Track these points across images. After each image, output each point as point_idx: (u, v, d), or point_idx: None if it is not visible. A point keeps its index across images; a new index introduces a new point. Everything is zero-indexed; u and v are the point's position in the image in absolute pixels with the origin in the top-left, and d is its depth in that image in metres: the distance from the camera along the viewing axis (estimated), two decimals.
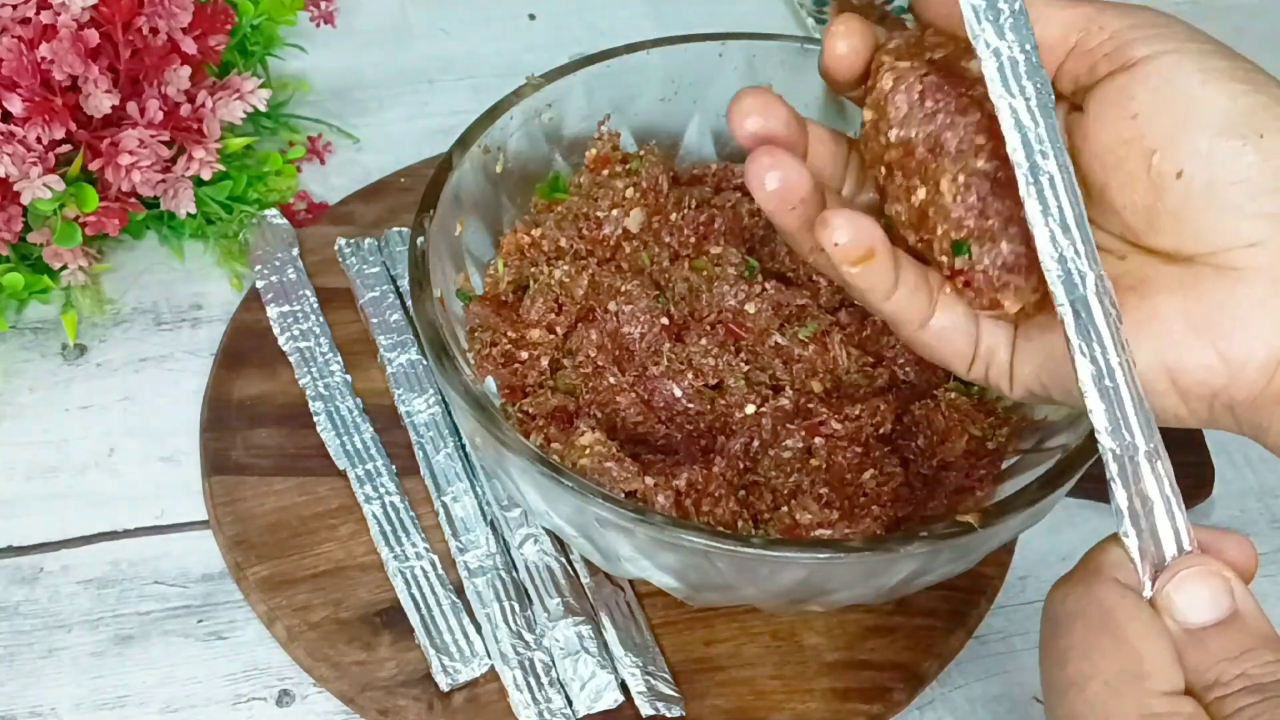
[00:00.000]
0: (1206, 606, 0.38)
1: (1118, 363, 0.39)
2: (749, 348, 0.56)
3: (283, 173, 0.72)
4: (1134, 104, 0.40)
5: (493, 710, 0.53)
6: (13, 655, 0.55)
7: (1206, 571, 0.38)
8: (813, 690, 0.54)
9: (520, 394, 0.56)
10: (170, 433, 0.63)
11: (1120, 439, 0.39)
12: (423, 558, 0.57)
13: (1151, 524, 0.39)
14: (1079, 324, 0.39)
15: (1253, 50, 0.42)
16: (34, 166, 0.60)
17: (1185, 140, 0.39)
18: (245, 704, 0.54)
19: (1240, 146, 0.39)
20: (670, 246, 0.59)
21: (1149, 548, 0.38)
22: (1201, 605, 0.38)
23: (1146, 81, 0.40)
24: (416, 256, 0.53)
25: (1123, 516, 0.39)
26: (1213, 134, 0.39)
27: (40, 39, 0.60)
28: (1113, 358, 0.39)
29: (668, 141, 0.64)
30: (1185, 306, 0.40)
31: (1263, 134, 0.39)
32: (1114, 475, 0.39)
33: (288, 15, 0.74)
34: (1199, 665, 0.37)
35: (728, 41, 0.62)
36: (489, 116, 0.58)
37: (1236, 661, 0.37)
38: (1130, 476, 0.39)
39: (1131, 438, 0.39)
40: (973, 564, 0.51)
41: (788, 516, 0.51)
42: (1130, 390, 0.39)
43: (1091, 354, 0.39)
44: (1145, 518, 0.39)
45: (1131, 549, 0.39)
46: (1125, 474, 0.39)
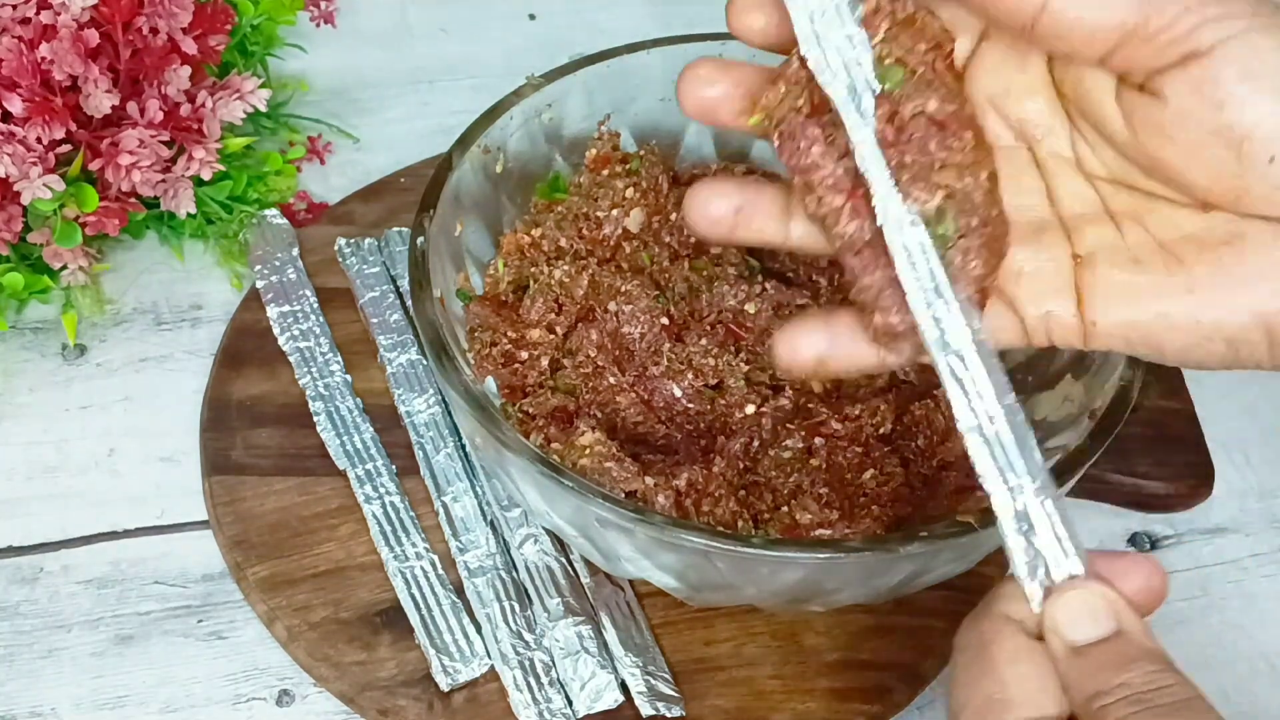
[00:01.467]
0: (1087, 623, 0.38)
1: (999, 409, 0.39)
2: (749, 348, 0.56)
3: (283, 173, 0.72)
4: (1218, 92, 0.38)
5: (493, 710, 0.53)
6: (13, 655, 0.55)
7: (1088, 592, 0.39)
8: (813, 690, 0.54)
9: (520, 394, 0.56)
10: (170, 433, 0.63)
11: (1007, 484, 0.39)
12: (423, 558, 0.57)
13: (1043, 560, 0.39)
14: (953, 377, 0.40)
15: None
16: (34, 166, 0.60)
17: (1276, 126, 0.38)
18: (245, 704, 0.54)
19: None
20: (670, 246, 0.59)
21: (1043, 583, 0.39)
22: (1082, 622, 0.38)
23: (1226, 69, 0.38)
24: (416, 256, 0.53)
25: (1013, 556, 0.39)
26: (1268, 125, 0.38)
27: (40, 39, 0.60)
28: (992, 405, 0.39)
29: (668, 141, 0.64)
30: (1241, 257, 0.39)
31: None
32: (1002, 521, 0.39)
33: (288, 15, 0.74)
34: (1081, 679, 0.37)
35: (728, 41, 0.62)
36: (489, 116, 0.58)
37: (1118, 672, 0.37)
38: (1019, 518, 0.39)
39: (1018, 479, 0.39)
40: (973, 564, 0.51)
41: (788, 516, 0.51)
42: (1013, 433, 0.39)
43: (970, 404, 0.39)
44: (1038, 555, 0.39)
45: (1024, 584, 0.39)
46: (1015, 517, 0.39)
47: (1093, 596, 0.38)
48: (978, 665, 0.38)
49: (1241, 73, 0.38)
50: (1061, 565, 0.39)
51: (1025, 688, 0.37)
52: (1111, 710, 0.36)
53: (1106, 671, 0.37)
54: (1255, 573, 0.61)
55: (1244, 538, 0.63)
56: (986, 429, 0.39)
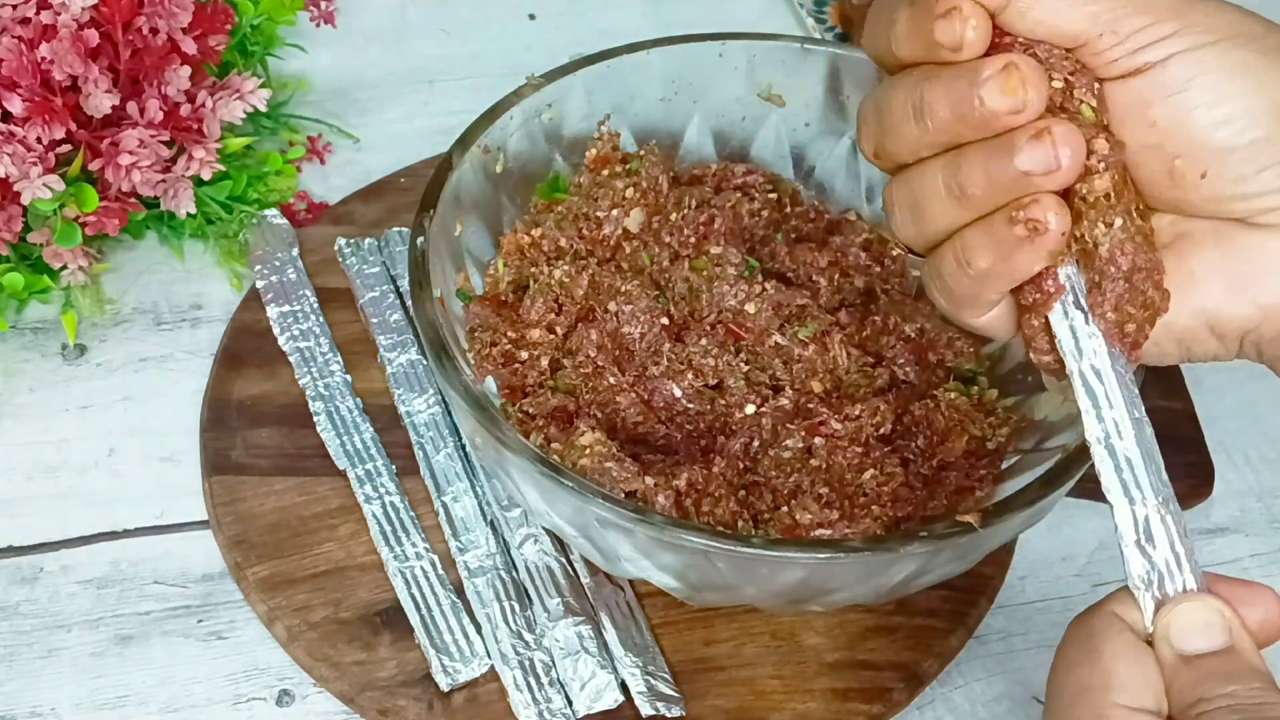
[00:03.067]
0: (1200, 635, 0.39)
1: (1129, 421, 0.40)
2: (749, 348, 0.56)
3: (283, 173, 0.72)
4: (1151, 112, 0.39)
5: (493, 710, 0.53)
6: (13, 655, 0.55)
7: (1204, 605, 0.39)
8: (813, 690, 0.54)
9: (520, 394, 0.56)
10: (170, 433, 0.63)
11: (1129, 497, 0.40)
12: (423, 558, 0.57)
13: (1159, 574, 0.40)
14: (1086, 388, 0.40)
15: None
16: (34, 166, 0.60)
17: (1206, 146, 0.39)
18: (245, 704, 0.54)
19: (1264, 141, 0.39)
20: (670, 246, 0.59)
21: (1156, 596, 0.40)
22: (1195, 633, 0.39)
23: (1163, 89, 0.39)
24: (416, 256, 0.53)
25: (1129, 567, 0.40)
26: (1233, 134, 0.39)
27: (40, 39, 0.60)
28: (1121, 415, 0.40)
29: (668, 141, 0.64)
30: (1223, 265, 0.41)
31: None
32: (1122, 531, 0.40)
33: (288, 15, 0.74)
34: (1186, 686, 0.38)
35: (728, 41, 0.62)
36: (489, 116, 0.58)
37: (1224, 682, 0.37)
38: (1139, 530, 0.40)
39: (1141, 492, 0.40)
40: (973, 564, 0.51)
41: (788, 516, 0.51)
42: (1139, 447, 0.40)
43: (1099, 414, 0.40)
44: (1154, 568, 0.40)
45: (1138, 595, 0.40)
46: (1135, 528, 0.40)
47: (1208, 611, 0.39)
48: (1081, 654, 0.39)
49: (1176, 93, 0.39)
50: (1176, 580, 0.39)
51: (1127, 680, 0.38)
52: (1212, 717, 0.36)
53: (1213, 681, 0.37)
54: (1255, 573, 0.61)
55: (1244, 538, 0.63)
56: (1114, 440, 0.40)
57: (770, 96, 0.63)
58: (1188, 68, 0.39)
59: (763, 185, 0.64)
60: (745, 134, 0.65)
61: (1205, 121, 0.39)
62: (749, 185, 0.64)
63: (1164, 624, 0.39)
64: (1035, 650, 0.58)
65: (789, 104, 0.63)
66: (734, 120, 0.64)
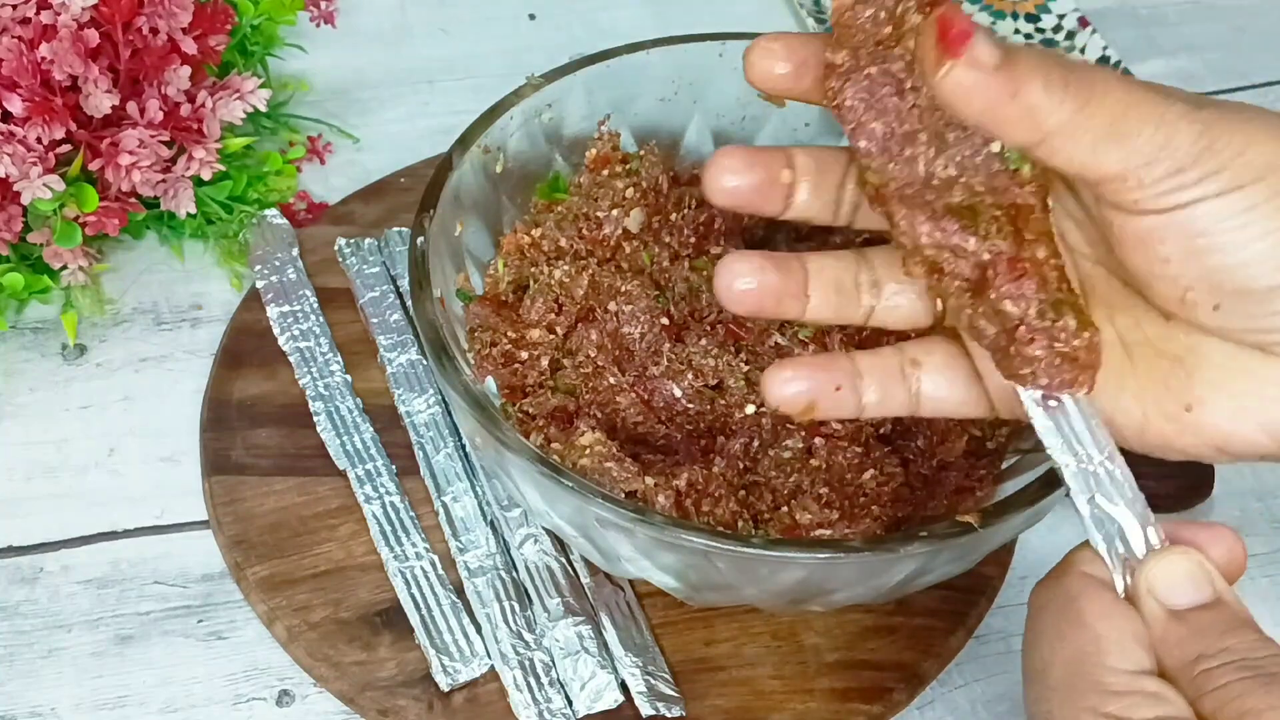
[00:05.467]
0: (1187, 588, 0.38)
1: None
2: (749, 348, 0.56)
3: (283, 173, 0.72)
4: (1164, 248, 0.39)
5: (493, 710, 0.53)
6: (13, 655, 0.55)
7: (1187, 558, 0.39)
8: (813, 690, 0.54)
9: (520, 394, 0.56)
10: (170, 433, 0.63)
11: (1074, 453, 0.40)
12: (423, 558, 0.57)
13: (1118, 527, 0.39)
14: None
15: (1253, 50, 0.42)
16: (34, 166, 0.60)
17: (1221, 287, 0.39)
18: (245, 704, 0.54)
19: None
20: (670, 246, 0.59)
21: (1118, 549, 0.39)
22: (1182, 586, 0.38)
23: (1181, 231, 0.38)
24: (416, 256, 0.53)
25: (1086, 521, 0.40)
26: (1249, 279, 0.38)
27: (40, 39, 0.60)
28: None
29: (668, 141, 0.64)
30: (1232, 390, 0.40)
31: None
32: (1071, 488, 0.40)
33: (288, 15, 0.74)
34: (1181, 642, 0.37)
35: (728, 41, 0.62)
36: (489, 116, 0.58)
37: (1221, 638, 0.37)
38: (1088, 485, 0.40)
39: (1085, 449, 0.40)
40: (973, 564, 0.51)
41: (788, 516, 0.51)
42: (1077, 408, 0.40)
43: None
44: (1109, 523, 0.39)
45: (1101, 550, 0.39)
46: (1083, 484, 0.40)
47: (1191, 563, 0.38)
48: (1065, 620, 0.38)
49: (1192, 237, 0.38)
50: (1136, 533, 0.39)
51: (1119, 641, 0.37)
52: (1217, 674, 0.36)
53: (1209, 636, 0.37)
54: (1255, 573, 0.61)
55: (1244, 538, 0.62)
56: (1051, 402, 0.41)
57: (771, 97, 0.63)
58: (1211, 214, 0.38)
59: None
60: (745, 134, 0.64)
61: (1219, 264, 0.38)
62: None
63: (1147, 579, 0.38)
64: None
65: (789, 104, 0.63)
66: (734, 120, 0.64)
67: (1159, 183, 0.38)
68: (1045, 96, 0.37)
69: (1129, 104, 0.37)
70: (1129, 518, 0.39)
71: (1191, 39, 0.89)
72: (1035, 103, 0.37)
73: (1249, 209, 0.37)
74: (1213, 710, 0.35)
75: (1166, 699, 0.36)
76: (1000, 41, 0.37)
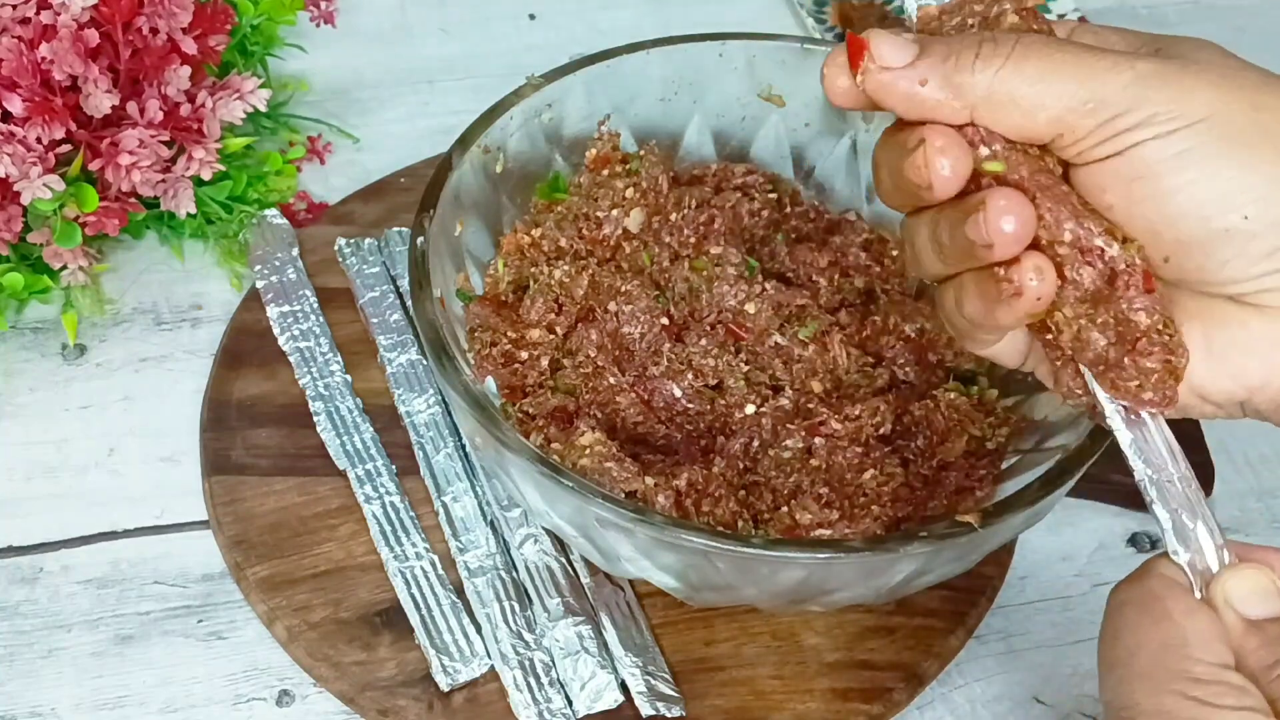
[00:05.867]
0: (1260, 600, 0.39)
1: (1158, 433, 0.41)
2: (749, 348, 0.56)
3: (283, 173, 0.72)
4: (1107, 196, 0.39)
5: (493, 710, 0.53)
6: (13, 655, 0.55)
7: (1261, 573, 0.40)
8: (813, 690, 0.54)
9: (520, 394, 0.56)
10: (170, 433, 0.63)
11: (1154, 465, 0.41)
12: (423, 558, 0.57)
13: (1196, 540, 0.40)
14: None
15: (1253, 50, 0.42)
16: (34, 166, 0.60)
17: (1162, 235, 0.39)
18: (245, 704, 0.54)
19: (1224, 232, 0.38)
20: (670, 246, 0.59)
21: (1196, 562, 0.40)
22: (1256, 599, 0.39)
23: (1118, 176, 0.39)
24: (416, 256, 0.53)
25: (1169, 534, 0.40)
26: (1190, 227, 0.38)
27: (40, 39, 0.60)
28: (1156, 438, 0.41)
29: (668, 141, 0.64)
30: (1206, 338, 0.40)
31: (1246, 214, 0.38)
32: (1154, 498, 0.41)
33: (288, 15, 0.74)
34: (1259, 649, 0.38)
35: (728, 41, 0.62)
36: (489, 116, 0.58)
37: None
38: (1169, 498, 0.41)
39: (1166, 463, 0.41)
40: (973, 564, 0.51)
41: (788, 516, 0.51)
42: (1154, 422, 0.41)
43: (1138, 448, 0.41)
44: (1189, 534, 0.40)
45: (1181, 561, 0.40)
46: (1164, 496, 0.41)
47: (1265, 578, 0.40)
48: (1150, 615, 0.39)
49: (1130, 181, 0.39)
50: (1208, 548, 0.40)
51: (1205, 636, 0.38)
52: None
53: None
54: None
55: (1244, 538, 0.62)
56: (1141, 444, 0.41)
57: (770, 96, 0.63)
58: (1147, 157, 0.38)
59: (763, 185, 0.64)
60: (745, 134, 0.65)
61: (1159, 211, 0.39)
62: (749, 185, 0.64)
63: (1224, 590, 0.39)
64: (1035, 650, 0.58)
65: (789, 104, 0.63)
66: (734, 120, 0.64)
67: (1093, 133, 0.39)
68: (955, 73, 0.39)
69: (1050, 63, 0.39)
70: (1205, 533, 0.40)
71: None
72: (945, 82, 0.39)
73: (1185, 151, 0.38)
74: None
75: (1249, 692, 0.37)
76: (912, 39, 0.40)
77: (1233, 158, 0.38)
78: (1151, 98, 0.38)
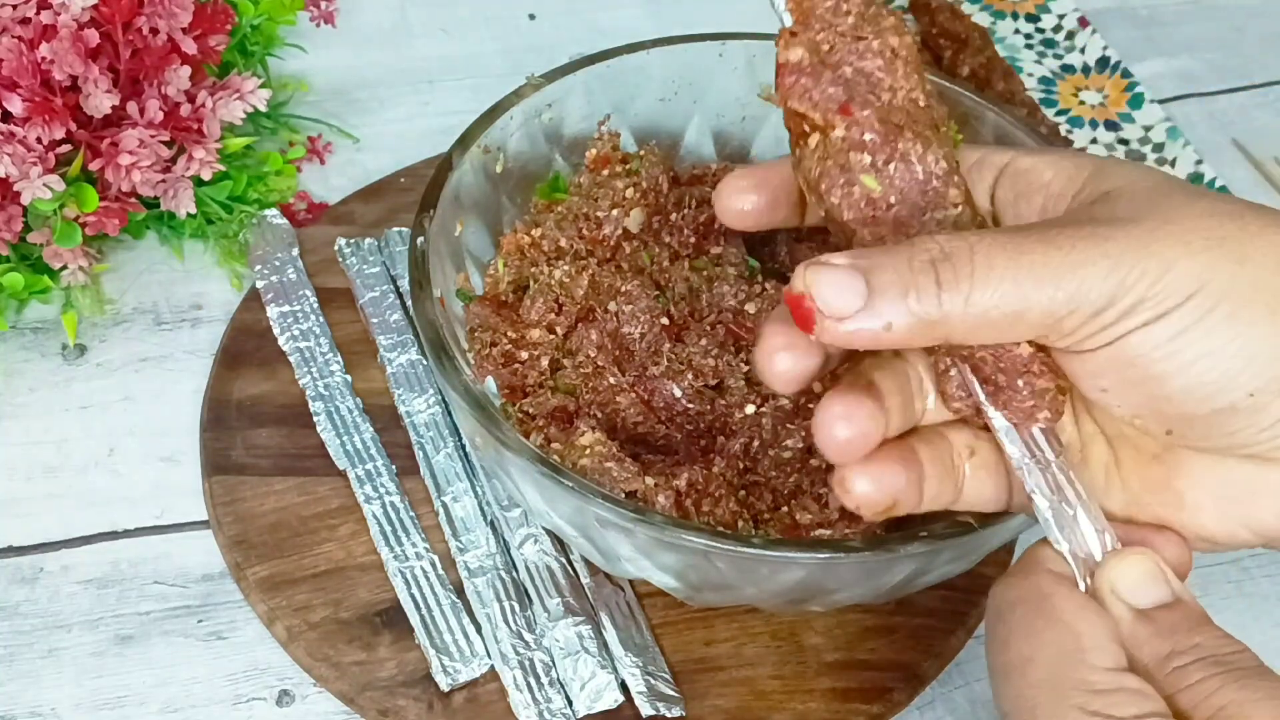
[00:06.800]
0: (1149, 588, 0.38)
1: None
2: (749, 348, 0.56)
3: (283, 173, 0.72)
4: (1101, 381, 0.38)
5: (493, 710, 0.53)
6: (13, 655, 0.55)
7: (1147, 559, 0.39)
8: (813, 690, 0.54)
9: (520, 394, 0.56)
10: (170, 433, 0.63)
11: (1029, 451, 0.40)
12: (423, 558, 0.57)
13: (1076, 528, 0.39)
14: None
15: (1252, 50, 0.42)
16: (34, 166, 0.60)
17: (1164, 414, 0.38)
18: (245, 704, 0.54)
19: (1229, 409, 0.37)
20: (670, 246, 0.59)
21: (1078, 550, 0.39)
22: (1144, 587, 0.38)
23: (1111, 364, 0.38)
24: (416, 256, 0.53)
25: (1049, 523, 0.40)
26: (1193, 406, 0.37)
27: (40, 39, 0.60)
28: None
29: (668, 141, 0.64)
30: (1214, 492, 0.40)
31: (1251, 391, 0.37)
32: (1032, 486, 0.40)
33: (288, 15, 0.74)
34: (1151, 640, 0.37)
35: (728, 41, 0.62)
36: (489, 116, 0.58)
37: (1189, 635, 0.37)
38: (1048, 485, 0.40)
39: (1041, 451, 0.40)
40: (973, 564, 0.51)
41: (788, 516, 0.51)
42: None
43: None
44: (1069, 522, 0.40)
45: (1063, 551, 0.39)
46: (1041, 484, 0.40)
47: (1150, 563, 0.39)
48: (1040, 618, 0.38)
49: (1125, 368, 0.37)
50: (1089, 532, 0.39)
51: (1097, 638, 0.37)
52: (1190, 671, 0.36)
53: (1177, 634, 0.37)
54: (1255, 573, 0.61)
55: None
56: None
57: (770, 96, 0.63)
58: (1140, 345, 0.37)
59: None
60: (745, 134, 0.64)
61: (1158, 393, 0.38)
62: None
63: (1110, 580, 0.38)
64: None
65: None
66: (734, 120, 0.64)
67: (1077, 330, 0.37)
68: (920, 307, 0.36)
69: (1018, 274, 0.36)
70: (1086, 519, 0.40)
71: (1191, 39, 0.89)
72: (911, 320, 0.36)
73: (1178, 334, 0.36)
74: (1189, 706, 0.36)
75: (1148, 696, 0.36)
76: (857, 263, 0.37)
77: (1230, 330, 0.36)
78: (1134, 285, 0.36)
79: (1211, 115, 0.84)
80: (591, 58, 0.61)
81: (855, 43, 0.41)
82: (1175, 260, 0.36)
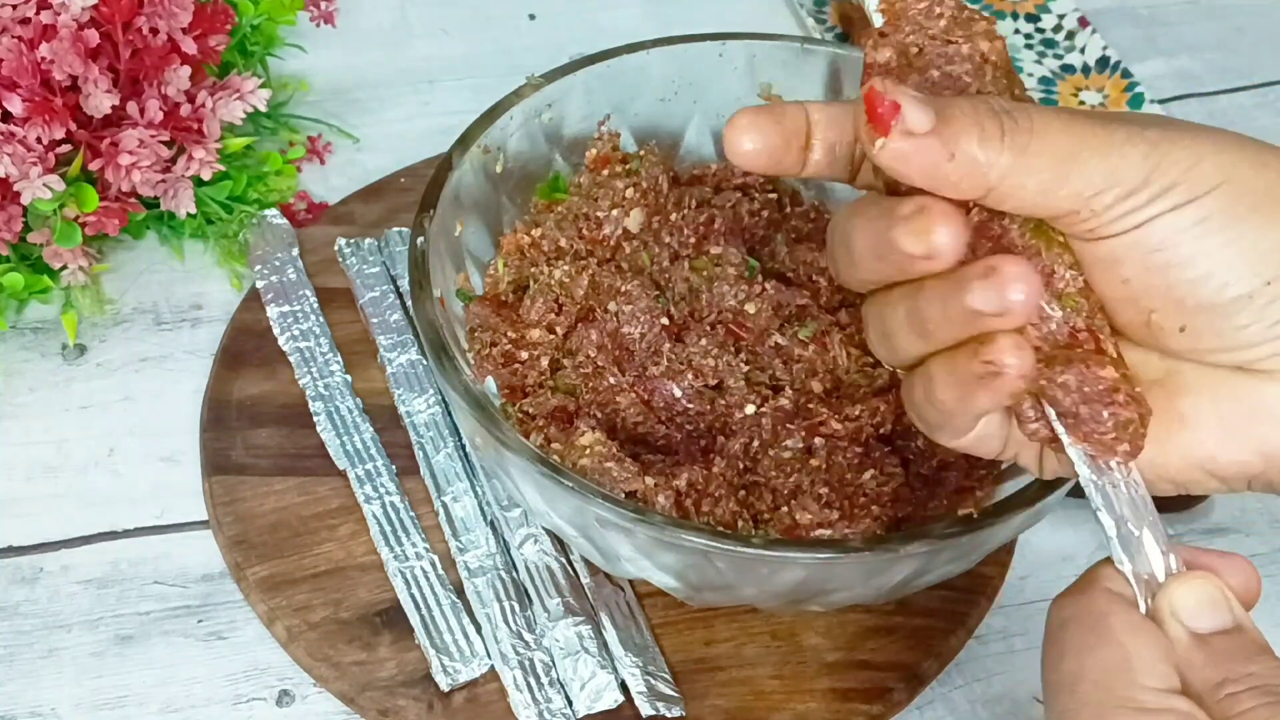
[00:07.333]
0: (1209, 613, 0.38)
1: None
2: (749, 348, 0.56)
3: (283, 173, 0.72)
4: (1123, 269, 0.39)
5: (493, 710, 0.53)
6: (13, 655, 0.55)
7: (1209, 583, 0.39)
8: (813, 690, 0.54)
9: (520, 394, 0.56)
10: (170, 433, 0.63)
11: (1099, 470, 0.39)
12: (423, 558, 0.57)
13: (1141, 549, 0.39)
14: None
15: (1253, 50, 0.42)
16: (34, 166, 0.60)
17: (1181, 304, 0.38)
18: (245, 704, 0.54)
19: (1245, 298, 0.38)
20: (670, 246, 0.59)
21: (1142, 571, 0.39)
22: (1205, 611, 0.38)
23: (1135, 249, 0.38)
24: (416, 256, 0.53)
25: (1113, 541, 0.39)
26: (1211, 292, 0.38)
27: (40, 39, 0.60)
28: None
29: (668, 141, 0.64)
30: (1218, 410, 0.40)
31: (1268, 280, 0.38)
32: (1099, 505, 0.39)
33: (288, 15, 0.74)
34: (1205, 666, 0.37)
35: (728, 41, 0.62)
36: (489, 116, 0.58)
37: (1245, 664, 0.37)
38: (1115, 504, 0.39)
39: (1110, 469, 0.39)
40: (973, 564, 0.51)
41: (788, 516, 0.51)
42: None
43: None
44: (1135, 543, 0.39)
45: (1126, 571, 0.39)
46: (1110, 503, 0.39)
47: (1212, 588, 0.39)
48: (1094, 635, 0.38)
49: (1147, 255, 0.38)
50: (1154, 554, 0.39)
51: (1149, 658, 0.37)
52: (1243, 699, 0.36)
53: (1233, 662, 0.37)
54: None
55: (1244, 538, 0.63)
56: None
57: (770, 96, 0.63)
58: (1166, 229, 0.38)
59: (763, 185, 0.64)
60: None
61: (1179, 279, 0.38)
62: (749, 185, 0.64)
63: (1170, 602, 0.38)
64: (1035, 650, 0.57)
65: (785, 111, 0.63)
66: None
67: (1110, 209, 0.38)
68: (982, 150, 0.37)
69: (1070, 140, 0.37)
70: (1151, 540, 0.39)
71: (1191, 39, 0.89)
72: (974, 158, 0.37)
73: (1203, 220, 0.37)
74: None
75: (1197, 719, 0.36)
76: (931, 101, 0.37)
77: (1250, 222, 0.37)
78: (1168, 170, 0.37)
79: (1211, 115, 0.84)
80: (591, 58, 0.61)
81: (945, 46, 0.41)
82: (1205, 154, 0.38)
